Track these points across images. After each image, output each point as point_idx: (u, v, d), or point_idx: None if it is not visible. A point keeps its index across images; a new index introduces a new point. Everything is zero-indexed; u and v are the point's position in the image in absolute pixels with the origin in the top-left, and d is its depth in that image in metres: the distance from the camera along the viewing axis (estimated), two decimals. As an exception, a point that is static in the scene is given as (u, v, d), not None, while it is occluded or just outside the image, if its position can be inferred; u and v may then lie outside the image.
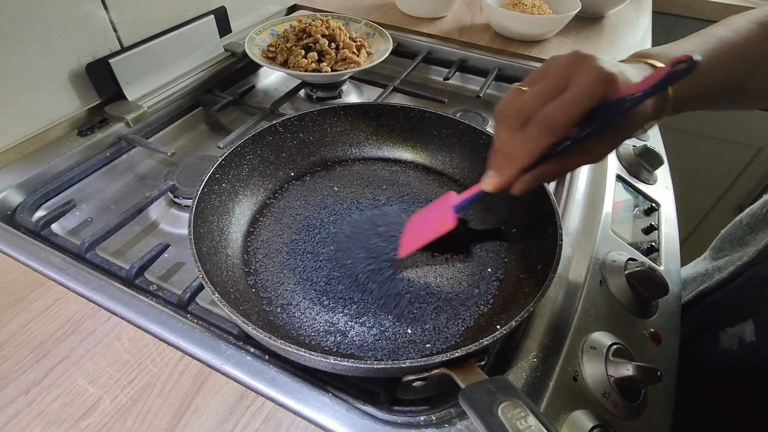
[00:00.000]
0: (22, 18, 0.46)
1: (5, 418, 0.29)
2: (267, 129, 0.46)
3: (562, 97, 0.27)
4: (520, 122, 0.29)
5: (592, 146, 0.30)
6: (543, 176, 0.31)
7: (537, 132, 0.28)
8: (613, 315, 0.38)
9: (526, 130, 0.28)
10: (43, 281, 0.37)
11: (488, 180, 0.32)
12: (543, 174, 0.31)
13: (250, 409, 0.30)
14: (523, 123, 0.29)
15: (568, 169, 0.32)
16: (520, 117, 0.29)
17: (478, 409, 0.24)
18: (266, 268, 0.40)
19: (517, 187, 0.31)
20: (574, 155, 0.30)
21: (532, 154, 0.29)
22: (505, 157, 0.30)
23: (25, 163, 0.49)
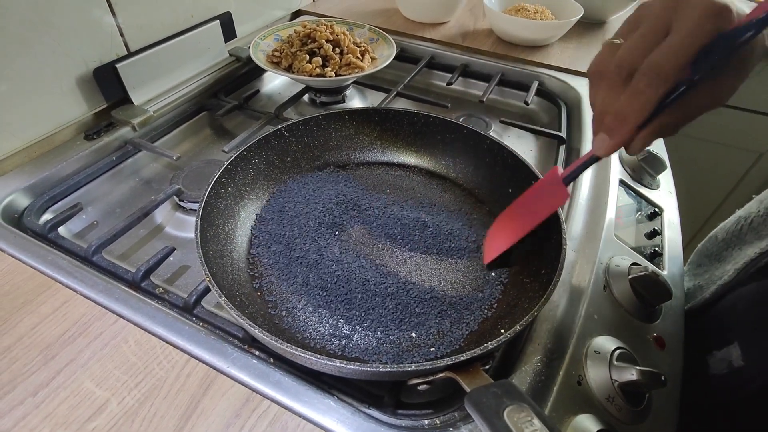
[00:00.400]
0: (32, 23, 0.46)
1: (13, 420, 0.29)
2: (272, 133, 0.47)
3: (668, 40, 0.25)
4: (623, 77, 0.27)
5: (714, 88, 0.26)
6: (662, 130, 0.28)
7: (646, 83, 0.25)
8: (616, 320, 0.38)
9: (633, 85, 0.26)
10: (50, 284, 0.37)
11: (600, 144, 0.30)
12: (662, 127, 0.27)
13: (256, 412, 0.31)
14: (626, 78, 0.26)
15: (690, 118, 0.27)
16: (622, 72, 0.27)
17: (484, 412, 0.24)
18: (271, 272, 0.40)
19: (635, 146, 0.29)
20: (694, 101, 0.27)
21: (645, 109, 0.26)
22: (615, 118, 0.28)
23: (33, 167, 0.49)
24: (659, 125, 0.27)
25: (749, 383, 0.38)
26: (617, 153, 0.56)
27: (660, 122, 0.27)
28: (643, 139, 0.28)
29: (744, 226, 0.46)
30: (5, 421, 0.29)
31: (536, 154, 0.62)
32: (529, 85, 0.69)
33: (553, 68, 0.73)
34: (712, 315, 0.44)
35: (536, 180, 0.42)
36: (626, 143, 0.29)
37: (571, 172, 0.35)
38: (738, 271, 0.42)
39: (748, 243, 0.44)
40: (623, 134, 0.28)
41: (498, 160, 0.47)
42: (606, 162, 0.54)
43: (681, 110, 0.27)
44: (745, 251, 0.44)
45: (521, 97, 0.70)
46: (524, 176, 0.44)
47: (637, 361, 0.35)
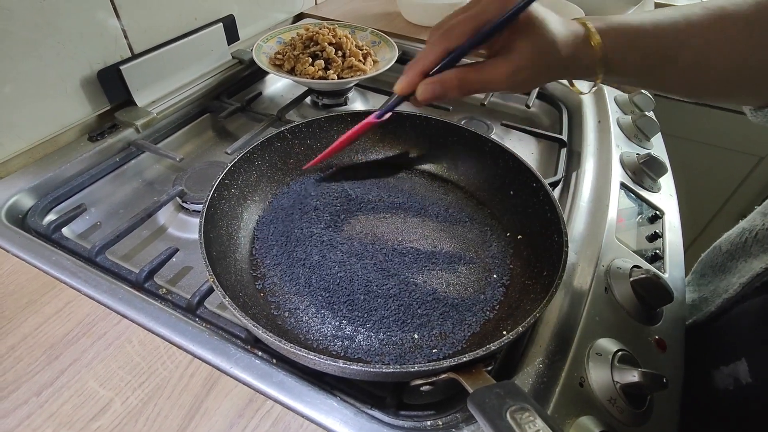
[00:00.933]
0: (37, 25, 0.47)
1: (17, 419, 0.29)
2: (275, 135, 0.47)
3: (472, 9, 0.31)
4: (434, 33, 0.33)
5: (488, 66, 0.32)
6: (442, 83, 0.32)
7: (437, 38, 0.32)
8: (618, 322, 0.39)
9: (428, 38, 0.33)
10: (54, 284, 0.38)
11: (397, 83, 0.35)
12: (442, 81, 0.32)
13: (259, 413, 0.31)
14: None
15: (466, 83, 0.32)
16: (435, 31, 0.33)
17: (487, 413, 0.24)
18: (274, 273, 0.40)
19: (419, 91, 0.33)
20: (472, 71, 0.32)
21: (428, 58, 0.32)
22: (412, 62, 0.34)
23: (37, 168, 0.50)
24: (440, 78, 0.32)
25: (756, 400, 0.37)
26: (618, 155, 0.57)
27: (441, 76, 0.32)
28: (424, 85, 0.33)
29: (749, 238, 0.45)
30: (9, 421, 0.29)
31: (537, 157, 0.62)
32: (530, 89, 0.69)
33: (554, 72, 0.73)
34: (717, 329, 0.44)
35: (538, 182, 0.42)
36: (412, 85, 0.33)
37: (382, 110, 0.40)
38: (743, 285, 0.42)
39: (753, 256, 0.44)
40: (409, 75, 0.33)
41: (499, 163, 0.47)
42: (607, 164, 0.55)
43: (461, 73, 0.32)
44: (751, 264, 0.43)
45: (522, 100, 0.70)
46: (525, 178, 0.44)
47: (638, 363, 0.35)
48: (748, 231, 0.46)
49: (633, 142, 0.61)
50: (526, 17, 0.31)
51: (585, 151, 0.57)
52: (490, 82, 0.32)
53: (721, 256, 0.49)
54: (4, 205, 0.45)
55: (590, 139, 0.59)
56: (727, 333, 0.43)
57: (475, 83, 0.32)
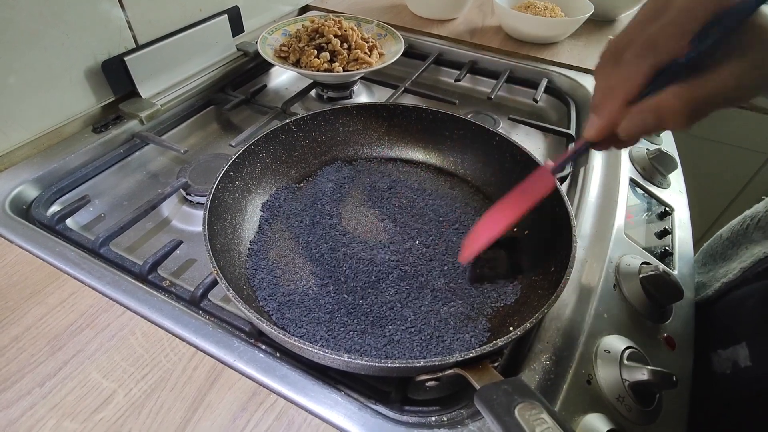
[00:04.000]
0: (42, 16, 0.46)
1: (21, 409, 0.29)
2: (280, 128, 0.47)
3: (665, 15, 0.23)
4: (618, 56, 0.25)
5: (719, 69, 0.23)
6: (658, 109, 0.24)
7: (634, 54, 0.24)
8: (627, 319, 0.38)
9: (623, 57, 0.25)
10: (58, 275, 0.37)
11: (590, 125, 0.28)
12: (657, 106, 0.24)
13: (262, 406, 0.30)
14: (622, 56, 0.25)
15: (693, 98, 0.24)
16: (617, 51, 0.25)
17: (494, 409, 0.23)
18: (278, 266, 0.40)
19: (625, 126, 0.26)
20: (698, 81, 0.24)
21: (632, 80, 0.25)
22: (603, 92, 0.26)
23: (41, 159, 0.49)
24: (655, 102, 0.25)
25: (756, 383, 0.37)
26: (627, 151, 0.56)
27: (657, 99, 0.24)
28: (634, 118, 0.25)
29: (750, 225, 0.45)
30: (12, 411, 0.29)
31: (545, 152, 0.62)
32: (537, 83, 0.68)
33: (563, 66, 0.72)
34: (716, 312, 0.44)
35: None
36: (614, 120, 0.27)
37: (562, 162, 0.34)
38: (744, 269, 0.42)
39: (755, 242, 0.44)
40: (610, 109, 0.26)
41: (507, 157, 0.47)
42: (616, 161, 0.54)
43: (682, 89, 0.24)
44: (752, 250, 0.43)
45: (530, 94, 0.69)
46: (534, 173, 0.43)
47: (647, 361, 0.35)
48: (749, 217, 0.45)
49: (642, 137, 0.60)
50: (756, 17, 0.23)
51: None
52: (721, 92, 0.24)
53: (722, 244, 0.49)
54: (8, 196, 0.45)
55: (599, 134, 0.58)
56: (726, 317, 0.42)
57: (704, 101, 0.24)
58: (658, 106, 0.24)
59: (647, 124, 0.25)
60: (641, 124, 0.25)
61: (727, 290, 0.43)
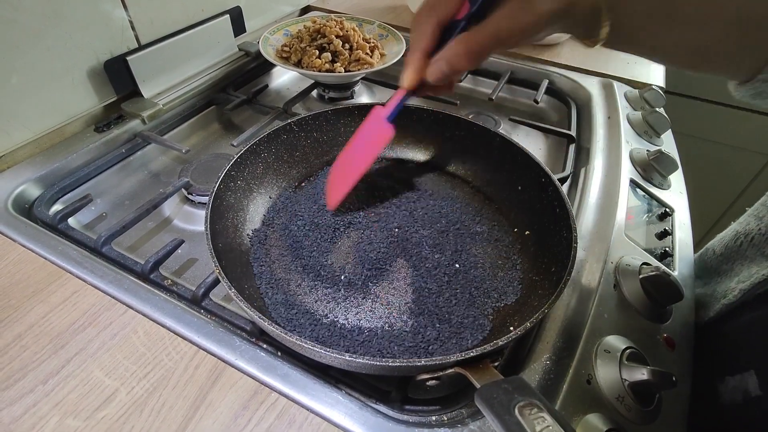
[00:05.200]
0: (45, 16, 0.47)
1: (24, 407, 0.30)
2: (282, 128, 0.47)
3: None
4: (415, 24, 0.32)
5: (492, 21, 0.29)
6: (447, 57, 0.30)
7: (423, 16, 0.31)
8: (626, 319, 0.38)
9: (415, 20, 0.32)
10: (60, 274, 0.38)
11: (403, 76, 0.34)
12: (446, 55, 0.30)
13: (264, 405, 0.31)
14: None
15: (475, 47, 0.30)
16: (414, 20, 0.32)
17: (495, 408, 0.24)
18: (279, 266, 0.40)
19: (428, 74, 0.32)
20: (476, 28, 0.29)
21: (425, 34, 0.31)
22: (410, 50, 0.33)
23: (43, 158, 0.50)
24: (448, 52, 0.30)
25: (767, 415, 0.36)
26: (627, 152, 0.56)
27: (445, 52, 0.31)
28: (435, 65, 0.31)
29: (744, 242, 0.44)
30: (15, 408, 0.29)
31: (545, 153, 0.62)
32: (538, 84, 0.69)
33: (563, 67, 0.72)
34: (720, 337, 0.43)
35: (546, 177, 0.41)
36: (418, 71, 0.32)
37: (392, 111, 0.38)
38: (744, 291, 0.41)
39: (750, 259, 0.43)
40: (414, 62, 0.32)
41: (507, 158, 0.47)
42: (616, 161, 0.54)
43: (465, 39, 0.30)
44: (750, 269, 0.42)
45: (531, 95, 0.69)
46: (534, 174, 0.43)
47: (647, 361, 0.35)
48: (743, 235, 0.44)
49: (643, 138, 0.60)
50: None
51: (594, 147, 0.57)
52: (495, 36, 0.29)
53: (715, 259, 0.48)
54: (10, 195, 0.45)
55: (599, 135, 0.59)
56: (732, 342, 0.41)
57: (481, 45, 0.29)
58: (447, 54, 0.31)
59: (443, 70, 0.31)
60: (439, 70, 0.31)
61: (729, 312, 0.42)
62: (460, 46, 0.30)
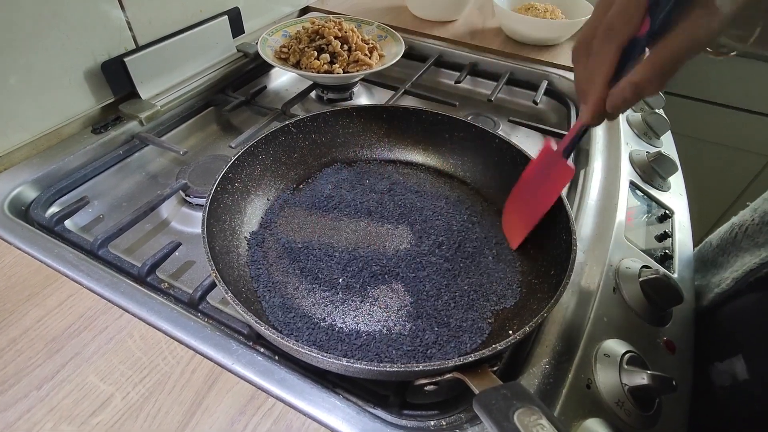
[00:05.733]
0: (42, 16, 0.46)
1: (18, 413, 0.29)
2: (280, 129, 0.46)
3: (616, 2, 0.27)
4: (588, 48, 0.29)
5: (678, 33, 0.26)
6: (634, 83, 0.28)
7: (600, 41, 0.28)
8: (626, 323, 0.38)
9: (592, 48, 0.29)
10: (56, 277, 0.37)
11: (582, 113, 0.32)
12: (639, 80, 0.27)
13: (261, 410, 0.30)
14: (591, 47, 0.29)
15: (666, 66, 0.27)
16: (586, 44, 0.29)
17: (493, 414, 0.23)
18: (277, 269, 0.40)
19: (611, 103, 0.29)
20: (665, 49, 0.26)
21: (605, 65, 0.28)
22: (584, 81, 0.30)
23: (40, 160, 0.49)
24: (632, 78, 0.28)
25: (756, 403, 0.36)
26: (627, 154, 0.56)
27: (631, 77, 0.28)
28: (617, 95, 0.29)
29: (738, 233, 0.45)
30: (9, 414, 0.29)
31: (545, 154, 0.62)
32: (538, 85, 0.68)
33: (563, 68, 0.72)
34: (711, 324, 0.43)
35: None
36: (601, 102, 0.30)
37: (567, 146, 0.37)
38: (737, 279, 0.41)
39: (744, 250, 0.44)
40: (594, 94, 0.30)
41: (507, 159, 0.46)
42: (616, 163, 0.54)
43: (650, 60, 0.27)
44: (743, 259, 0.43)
45: (530, 96, 0.69)
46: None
47: (647, 365, 0.34)
48: (737, 225, 0.45)
49: (643, 140, 0.60)
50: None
51: (593, 148, 0.56)
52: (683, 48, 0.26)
53: (712, 251, 0.49)
54: (7, 197, 0.45)
55: (599, 136, 0.58)
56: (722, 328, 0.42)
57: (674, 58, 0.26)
58: (635, 79, 0.28)
59: (627, 98, 0.29)
60: (621, 98, 0.29)
61: (722, 301, 0.43)
62: (648, 67, 0.27)
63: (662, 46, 0.27)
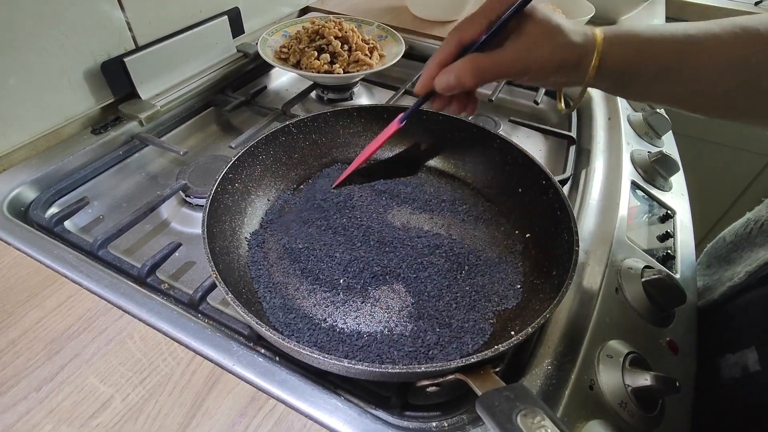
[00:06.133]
0: (42, 17, 0.46)
1: (17, 415, 0.29)
2: (280, 129, 0.46)
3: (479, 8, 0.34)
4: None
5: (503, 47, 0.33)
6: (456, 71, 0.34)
7: (452, 32, 0.35)
8: (629, 323, 0.38)
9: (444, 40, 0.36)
10: (56, 278, 0.37)
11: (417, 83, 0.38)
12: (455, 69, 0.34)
13: (261, 411, 0.30)
14: None
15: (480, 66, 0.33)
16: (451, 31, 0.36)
17: (496, 417, 0.23)
18: (277, 269, 0.40)
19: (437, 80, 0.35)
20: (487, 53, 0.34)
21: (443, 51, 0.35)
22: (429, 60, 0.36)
23: (39, 160, 0.49)
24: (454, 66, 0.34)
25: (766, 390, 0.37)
26: (628, 153, 0.56)
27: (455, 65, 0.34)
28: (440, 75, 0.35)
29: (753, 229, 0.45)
30: (8, 416, 0.29)
31: (546, 154, 0.61)
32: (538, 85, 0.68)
33: (564, 68, 0.72)
34: (722, 317, 0.44)
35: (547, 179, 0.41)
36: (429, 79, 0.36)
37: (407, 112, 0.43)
38: (750, 273, 0.42)
39: (758, 245, 0.44)
40: (426, 69, 0.36)
41: (508, 160, 0.46)
42: (617, 162, 0.53)
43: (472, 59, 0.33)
44: (757, 254, 0.43)
45: (531, 96, 0.69)
46: (534, 176, 0.43)
47: (650, 366, 0.34)
48: (753, 221, 0.46)
49: (644, 139, 0.60)
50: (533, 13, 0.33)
51: (595, 148, 0.56)
52: (500, 63, 0.33)
53: (725, 248, 0.49)
54: (6, 198, 0.45)
55: (600, 136, 0.58)
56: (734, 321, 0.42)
57: (487, 67, 0.33)
58: (455, 66, 0.34)
59: (449, 81, 0.34)
60: (445, 80, 0.34)
61: (734, 294, 0.43)
62: (467, 61, 0.34)
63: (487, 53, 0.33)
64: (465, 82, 0.34)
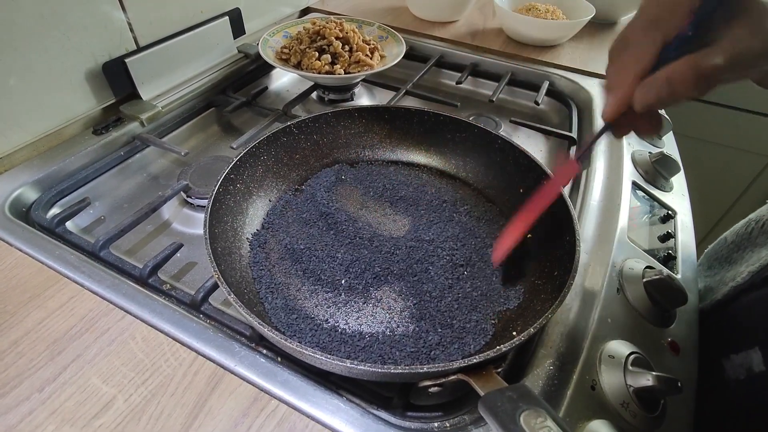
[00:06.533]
0: (43, 17, 0.46)
1: (19, 415, 0.29)
2: (281, 130, 0.46)
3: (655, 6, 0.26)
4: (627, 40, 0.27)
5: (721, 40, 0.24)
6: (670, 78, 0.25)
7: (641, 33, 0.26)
8: (631, 324, 0.38)
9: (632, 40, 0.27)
10: (57, 278, 0.37)
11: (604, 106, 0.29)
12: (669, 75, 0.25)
13: (264, 412, 0.30)
14: None
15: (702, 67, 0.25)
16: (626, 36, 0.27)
17: (499, 417, 0.23)
18: (279, 270, 0.40)
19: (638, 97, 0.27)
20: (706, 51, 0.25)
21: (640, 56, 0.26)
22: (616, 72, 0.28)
23: (41, 161, 0.49)
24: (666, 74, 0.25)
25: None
26: (629, 154, 0.56)
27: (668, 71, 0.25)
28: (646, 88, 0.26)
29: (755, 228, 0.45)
30: (11, 417, 0.29)
31: (546, 155, 0.61)
32: (539, 85, 0.68)
33: (564, 68, 0.72)
34: (726, 317, 0.44)
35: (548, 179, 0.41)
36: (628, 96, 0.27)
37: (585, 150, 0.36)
38: (752, 273, 0.42)
39: (759, 245, 0.44)
40: (623, 85, 0.27)
41: (509, 160, 0.46)
42: (618, 163, 0.54)
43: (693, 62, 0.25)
44: (759, 254, 0.43)
45: (531, 97, 0.69)
46: (535, 176, 0.43)
47: (651, 367, 0.34)
48: (754, 221, 0.46)
49: (645, 140, 0.60)
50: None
51: (595, 149, 0.56)
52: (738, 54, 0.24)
53: (727, 248, 0.49)
54: (7, 199, 0.45)
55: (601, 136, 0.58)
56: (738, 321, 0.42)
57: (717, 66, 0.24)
58: (670, 75, 0.25)
59: (660, 93, 0.26)
60: (654, 93, 0.26)
61: (736, 294, 0.43)
62: (688, 66, 0.25)
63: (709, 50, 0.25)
64: (684, 92, 0.25)
